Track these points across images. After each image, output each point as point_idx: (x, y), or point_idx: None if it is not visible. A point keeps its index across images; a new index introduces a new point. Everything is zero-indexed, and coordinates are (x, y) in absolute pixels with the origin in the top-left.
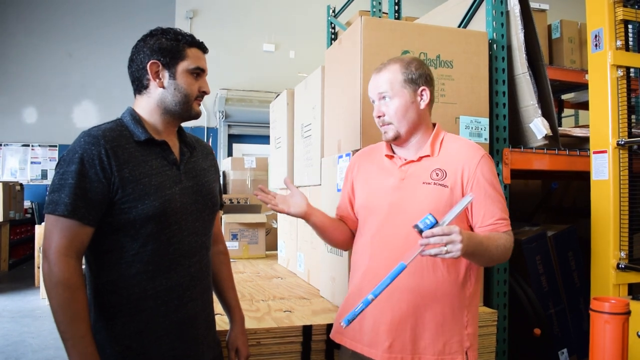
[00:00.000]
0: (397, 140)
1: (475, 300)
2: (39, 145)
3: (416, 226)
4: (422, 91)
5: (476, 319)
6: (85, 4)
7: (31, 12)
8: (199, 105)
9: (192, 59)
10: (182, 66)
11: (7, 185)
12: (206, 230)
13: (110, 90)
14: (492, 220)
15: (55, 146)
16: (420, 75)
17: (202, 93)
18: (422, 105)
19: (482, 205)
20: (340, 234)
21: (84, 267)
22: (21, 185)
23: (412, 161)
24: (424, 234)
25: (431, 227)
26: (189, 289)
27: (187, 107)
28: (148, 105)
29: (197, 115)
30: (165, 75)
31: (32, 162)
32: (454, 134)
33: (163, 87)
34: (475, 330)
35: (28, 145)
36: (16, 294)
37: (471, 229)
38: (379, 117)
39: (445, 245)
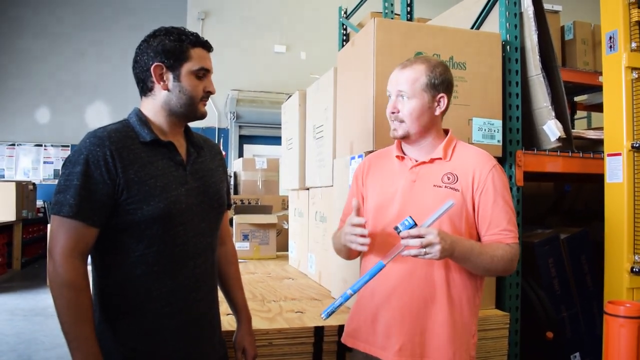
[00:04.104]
0: (406, 139)
1: (479, 310)
2: (52, 145)
3: (396, 227)
4: (440, 98)
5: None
6: (97, 4)
7: (44, 13)
8: (205, 105)
9: (196, 60)
10: (186, 68)
11: (20, 185)
12: (212, 231)
13: (122, 90)
14: (496, 230)
15: (68, 146)
16: (443, 82)
17: (207, 93)
18: (437, 111)
19: (489, 215)
20: (355, 252)
21: (89, 267)
22: (34, 184)
23: (424, 162)
24: (401, 234)
25: (409, 229)
26: (194, 290)
27: (192, 109)
28: (153, 107)
29: (202, 116)
30: (169, 77)
31: (44, 162)
32: (466, 143)
33: (168, 90)
34: (477, 339)
35: (41, 145)
36: (28, 292)
37: (479, 238)
38: (393, 112)
39: (424, 247)
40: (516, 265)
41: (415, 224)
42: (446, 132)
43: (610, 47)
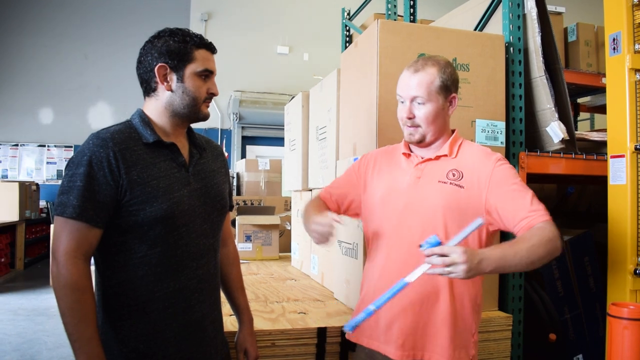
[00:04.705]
0: (421, 143)
1: (482, 309)
2: (55, 146)
3: (421, 245)
4: (452, 98)
5: (478, 327)
6: (101, 6)
7: (48, 14)
8: (208, 107)
9: (200, 61)
10: (190, 69)
11: (23, 185)
12: (215, 233)
13: (125, 91)
14: (523, 214)
15: (71, 147)
16: (453, 82)
17: (211, 95)
18: (450, 111)
19: (509, 204)
20: None
21: (92, 268)
22: (37, 185)
23: (430, 159)
24: (425, 252)
25: (433, 247)
26: (197, 291)
27: (195, 110)
28: (156, 108)
29: (205, 117)
30: (173, 78)
31: (47, 162)
32: (472, 142)
33: (171, 91)
34: (478, 338)
35: (44, 146)
36: (31, 292)
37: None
38: (410, 118)
39: (448, 266)
40: (560, 242)
41: (440, 243)
42: (452, 131)
43: (614, 48)
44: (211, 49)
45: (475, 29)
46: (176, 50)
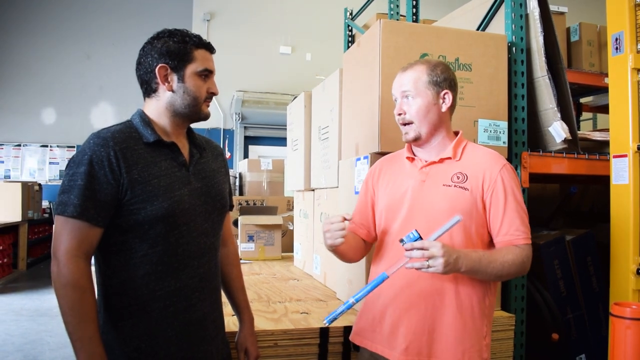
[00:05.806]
0: (418, 141)
1: (493, 311)
2: (57, 146)
3: (401, 240)
4: (444, 94)
5: (491, 329)
6: (103, 6)
7: (50, 15)
8: (208, 106)
9: (200, 61)
10: (191, 69)
11: (26, 186)
12: (215, 232)
13: (127, 91)
14: (509, 230)
15: (73, 147)
16: (445, 79)
17: (211, 94)
18: (444, 108)
19: (500, 215)
20: (356, 254)
21: (93, 267)
22: (39, 185)
23: (434, 162)
24: (404, 246)
25: (414, 242)
26: (198, 290)
27: (196, 110)
28: (157, 108)
29: (206, 117)
30: (174, 78)
31: (50, 163)
32: (476, 144)
33: (172, 91)
34: (490, 341)
35: (47, 146)
36: (34, 292)
37: (490, 238)
38: (400, 114)
39: (427, 260)
40: (529, 266)
41: (420, 238)
42: (456, 134)
43: (616, 48)
44: (210, 48)
45: (478, 29)
46: (176, 50)
